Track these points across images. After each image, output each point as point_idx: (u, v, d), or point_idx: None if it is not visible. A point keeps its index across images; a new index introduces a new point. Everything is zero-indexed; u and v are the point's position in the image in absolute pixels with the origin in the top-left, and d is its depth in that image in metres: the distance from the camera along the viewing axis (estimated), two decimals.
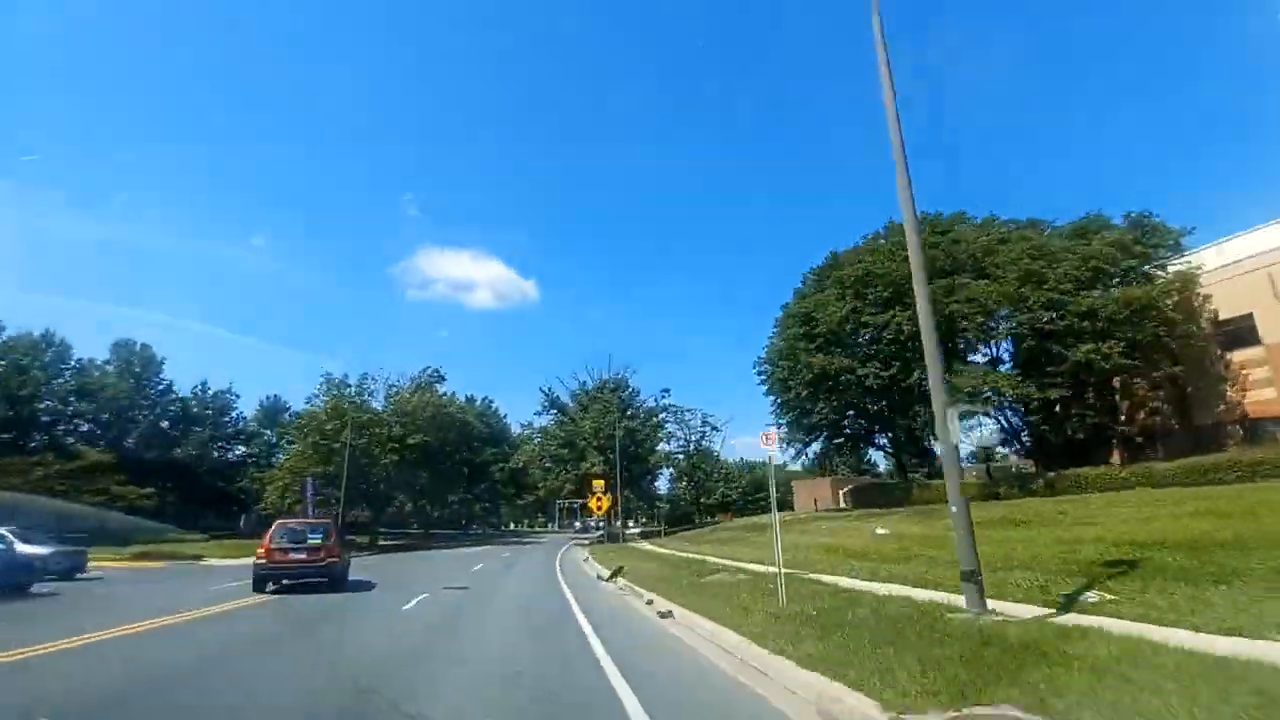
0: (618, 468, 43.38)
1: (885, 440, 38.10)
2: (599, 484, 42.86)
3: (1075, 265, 26.66)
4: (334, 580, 15.77)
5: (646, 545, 36.08)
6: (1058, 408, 27.98)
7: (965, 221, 32.16)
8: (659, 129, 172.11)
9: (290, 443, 46.80)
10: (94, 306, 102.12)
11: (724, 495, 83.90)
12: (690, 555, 21.89)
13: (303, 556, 15.80)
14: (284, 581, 15.55)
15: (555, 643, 8.40)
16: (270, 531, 16.47)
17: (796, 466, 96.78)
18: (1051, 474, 26.02)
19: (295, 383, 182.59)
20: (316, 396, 47.66)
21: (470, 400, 75.20)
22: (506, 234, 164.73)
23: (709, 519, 72.88)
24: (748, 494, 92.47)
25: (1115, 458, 29.04)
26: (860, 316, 30.47)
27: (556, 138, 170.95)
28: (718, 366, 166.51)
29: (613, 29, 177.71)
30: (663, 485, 75.74)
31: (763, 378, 36.33)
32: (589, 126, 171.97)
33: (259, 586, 15.20)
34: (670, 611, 10.02)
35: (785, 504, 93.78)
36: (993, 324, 28.57)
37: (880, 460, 66.94)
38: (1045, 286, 26.13)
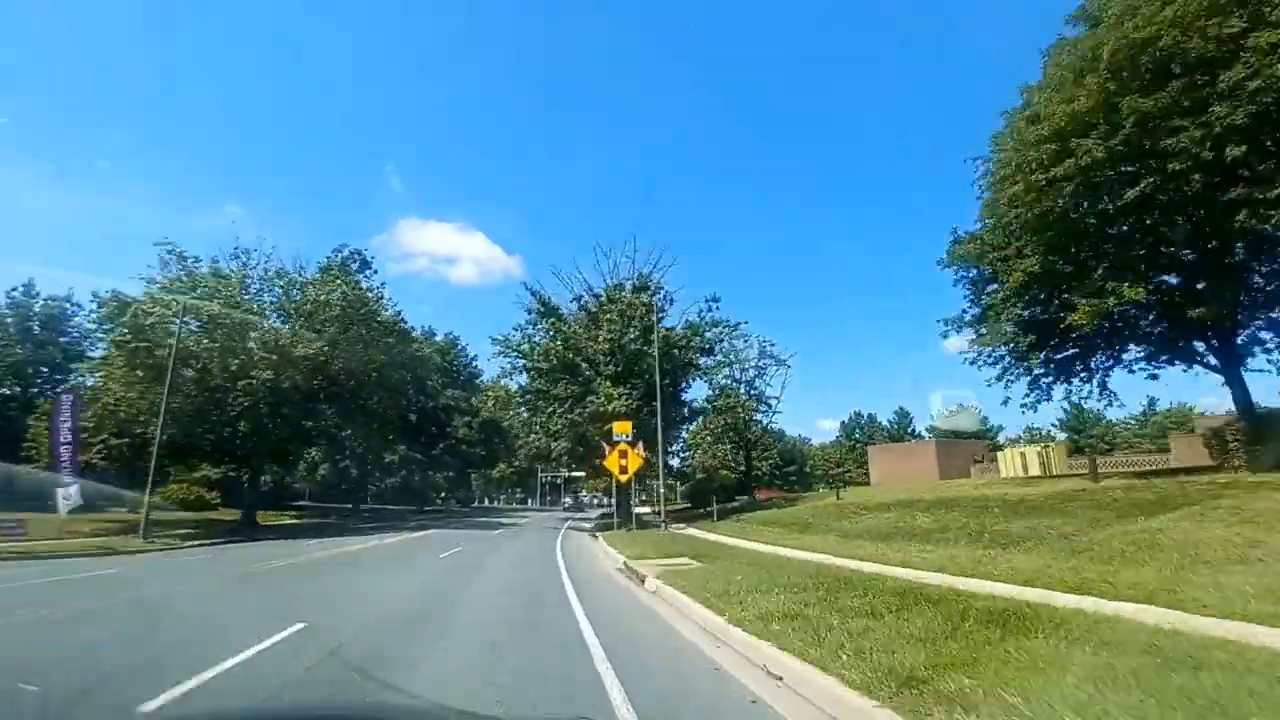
0: (659, 398, 25.23)
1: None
2: (623, 429, 24.92)
3: None
4: None
5: (738, 540, 18.43)
6: None
7: None
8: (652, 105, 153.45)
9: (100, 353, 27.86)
10: (68, 275, 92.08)
11: (753, 467, 65.71)
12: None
13: None
14: None
15: None
16: None
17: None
18: None
19: None
20: (154, 283, 28.93)
21: (429, 334, 56.51)
22: (490, 208, 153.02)
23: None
24: (777, 467, 75.78)
25: None
26: None
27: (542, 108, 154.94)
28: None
29: None
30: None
31: (987, 223, 15.81)
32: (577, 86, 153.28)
33: None
34: None
35: (810, 478, 77.21)
36: None
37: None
38: None
